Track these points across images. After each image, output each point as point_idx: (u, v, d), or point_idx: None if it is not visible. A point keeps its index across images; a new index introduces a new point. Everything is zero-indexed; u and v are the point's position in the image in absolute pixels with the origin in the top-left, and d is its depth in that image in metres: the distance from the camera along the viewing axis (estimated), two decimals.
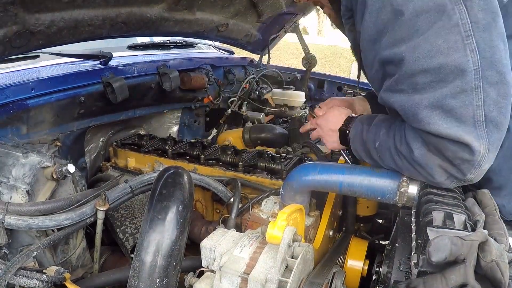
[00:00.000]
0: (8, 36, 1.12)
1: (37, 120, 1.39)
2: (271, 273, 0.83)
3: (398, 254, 0.96)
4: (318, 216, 1.29)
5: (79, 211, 1.11)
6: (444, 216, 0.82)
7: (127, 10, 1.43)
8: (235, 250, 0.91)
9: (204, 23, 1.86)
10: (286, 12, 2.22)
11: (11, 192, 1.10)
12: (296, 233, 0.88)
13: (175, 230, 0.94)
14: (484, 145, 0.82)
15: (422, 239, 0.80)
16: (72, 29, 1.30)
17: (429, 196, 0.93)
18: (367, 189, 1.04)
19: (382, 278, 1.08)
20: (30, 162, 1.12)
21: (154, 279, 0.88)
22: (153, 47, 2.33)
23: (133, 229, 1.43)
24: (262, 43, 2.55)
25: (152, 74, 1.85)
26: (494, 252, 0.68)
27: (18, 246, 1.11)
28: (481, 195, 0.96)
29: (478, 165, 0.84)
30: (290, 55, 11.41)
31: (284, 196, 1.19)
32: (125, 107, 1.77)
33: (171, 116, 2.21)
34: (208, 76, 2.21)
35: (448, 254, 0.68)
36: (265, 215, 1.28)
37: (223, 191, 1.35)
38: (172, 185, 1.01)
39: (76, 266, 1.29)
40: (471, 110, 0.80)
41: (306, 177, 1.13)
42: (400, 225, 1.09)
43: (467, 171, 0.86)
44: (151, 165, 1.66)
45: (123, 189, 1.23)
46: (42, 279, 0.94)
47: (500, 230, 0.80)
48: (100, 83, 1.59)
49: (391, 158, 0.97)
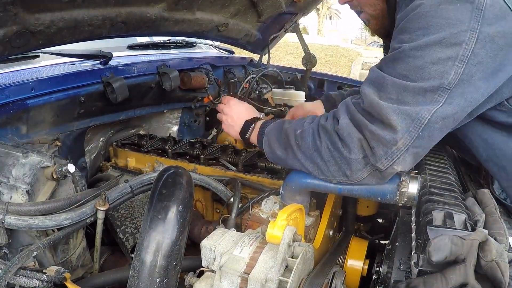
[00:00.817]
0: (8, 36, 1.12)
1: (37, 120, 1.39)
2: (271, 273, 0.83)
3: (398, 253, 0.97)
4: (318, 215, 1.29)
5: (79, 211, 1.11)
6: (444, 215, 0.82)
7: (127, 10, 1.43)
8: (235, 250, 0.91)
9: (204, 23, 1.86)
10: (286, 12, 2.22)
11: (11, 192, 1.10)
12: (296, 233, 0.88)
13: (175, 230, 0.94)
14: (405, 141, 0.85)
15: (422, 238, 0.80)
16: (72, 29, 1.30)
17: (429, 195, 0.93)
18: (367, 190, 1.04)
19: (382, 278, 1.08)
20: (30, 162, 1.12)
21: (154, 279, 0.88)
22: (153, 47, 2.33)
23: (133, 229, 1.43)
24: (262, 43, 2.55)
25: (152, 74, 1.85)
26: (494, 251, 0.68)
27: (18, 246, 1.11)
28: (481, 195, 0.97)
29: (390, 157, 0.87)
30: (290, 54, 11.42)
31: (284, 196, 1.19)
32: (125, 107, 1.77)
33: (171, 116, 2.21)
34: (208, 76, 2.21)
35: (448, 254, 0.69)
36: (265, 215, 1.28)
37: (223, 191, 1.35)
38: (172, 185, 1.01)
39: (76, 266, 1.29)
40: (420, 110, 0.83)
41: (305, 177, 1.13)
42: (400, 224, 1.09)
43: (379, 158, 0.88)
44: (151, 165, 1.66)
45: (123, 189, 1.23)
46: (42, 279, 0.94)
47: (500, 230, 0.80)
48: (100, 83, 1.59)
49: (311, 140, 0.99)
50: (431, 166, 1.13)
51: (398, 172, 0.94)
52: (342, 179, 0.98)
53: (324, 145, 0.97)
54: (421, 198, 0.97)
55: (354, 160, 0.92)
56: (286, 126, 1.10)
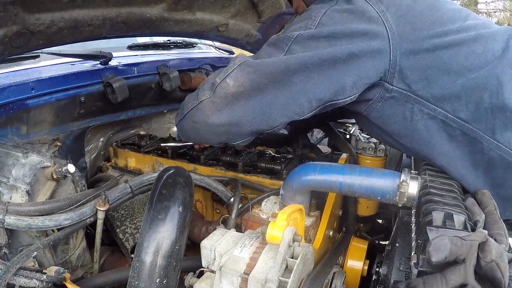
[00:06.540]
0: (8, 36, 1.12)
1: (37, 120, 1.39)
2: (271, 273, 0.83)
3: (398, 254, 0.97)
4: (318, 216, 1.29)
5: (79, 211, 1.11)
6: (444, 216, 0.82)
7: (127, 10, 1.43)
8: (235, 250, 0.91)
9: (204, 23, 1.86)
10: (286, 12, 2.22)
11: (11, 192, 1.10)
12: (296, 233, 0.88)
13: (175, 230, 0.94)
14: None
15: (422, 239, 0.80)
16: (72, 29, 1.30)
17: (429, 196, 0.93)
18: (367, 189, 1.04)
19: (382, 278, 1.08)
20: (30, 162, 1.12)
21: (154, 279, 0.88)
22: (153, 47, 2.33)
23: (133, 229, 1.43)
24: (262, 43, 2.54)
25: (152, 74, 1.85)
26: (494, 252, 0.68)
27: (18, 246, 1.12)
28: (481, 195, 0.97)
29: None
30: None
31: (284, 196, 1.19)
32: (125, 107, 1.77)
33: (171, 116, 2.21)
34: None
35: (448, 254, 0.69)
36: (265, 215, 1.28)
37: (223, 191, 1.35)
38: (172, 185, 1.01)
39: (76, 266, 1.29)
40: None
41: (306, 177, 1.13)
42: (400, 225, 1.09)
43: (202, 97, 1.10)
44: (151, 165, 1.66)
45: (123, 189, 1.23)
46: (42, 279, 0.94)
47: (500, 230, 0.80)
48: (100, 83, 1.59)
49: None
50: (431, 167, 1.13)
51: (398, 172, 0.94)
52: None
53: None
54: (421, 198, 0.97)
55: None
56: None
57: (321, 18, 1.01)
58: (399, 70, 1.00)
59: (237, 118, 1.06)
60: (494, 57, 0.99)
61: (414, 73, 1.00)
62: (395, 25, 0.99)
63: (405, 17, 1.00)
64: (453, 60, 0.99)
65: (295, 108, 1.03)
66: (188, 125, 1.19)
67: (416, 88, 1.01)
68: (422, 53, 0.99)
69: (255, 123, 1.06)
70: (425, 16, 1.01)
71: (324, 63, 0.98)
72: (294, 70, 0.99)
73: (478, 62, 0.99)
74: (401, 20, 1.00)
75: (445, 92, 1.00)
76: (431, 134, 1.05)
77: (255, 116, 1.05)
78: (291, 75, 1.00)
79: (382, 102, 1.06)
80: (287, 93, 1.02)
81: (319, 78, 0.99)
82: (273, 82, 1.01)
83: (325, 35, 0.99)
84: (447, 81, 0.99)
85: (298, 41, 1.01)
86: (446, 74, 0.99)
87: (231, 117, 1.06)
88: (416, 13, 1.01)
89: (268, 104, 1.03)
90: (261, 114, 1.05)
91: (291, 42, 1.01)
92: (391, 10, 1.00)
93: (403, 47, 0.99)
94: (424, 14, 1.02)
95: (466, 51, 0.99)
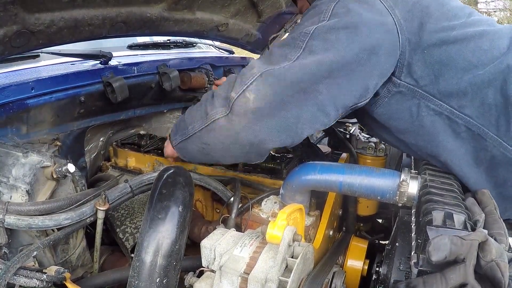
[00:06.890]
0: (8, 36, 1.12)
1: (37, 120, 1.39)
2: (271, 273, 0.83)
3: (398, 253, 0.97)
4: (318, 215, 1.29)
5: (79, 211, 1.11)
6: (444, 215, 0.82)
7: (127, 10, 1.43)
8: (235, 250, 0.91)
9: (204, 23, 1.86)
10: (286, 12, 2.22)
11: (11, 192, 1.10)
12: (296, 232, 0.88)
13: (175, 230, 0.94)
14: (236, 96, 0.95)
15: (422, 238, 0.80)
16: (72, 29, 1.30)
17: (429, 195, 0.93)
18: (367, 189, 1.04)
19: (382, 278, 1.08)
20: (30, 161, 1.12)
21: (154, 279, 0.88)
22: (153, 46, 2.33)
23: (133, 229, 1.43)
24: (262, 43, 2.54)
25: (152, 73, 1.85)
26: (494, 251, 0.68)
27: (18, 245, 1.11)
28: (481, 195, 0.97)
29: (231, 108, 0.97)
30: None
31: (284, 195, 1.19)
32: (125, 107, 1.77)
33: (171, 116, 2.21)
34: (208, 76, 2.21)
35: (448, 254, 0.69)
36: (265, 214, 1.28)
37: (223, 191, 1.35)
38: (172, 185, 1.01)
39: (76, 266, 1.29)
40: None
41: (306, 176, 1.13)
42: (400, 224, 1.09)
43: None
44: (151, 165, 1.66)
45: (123, 188, 1.23)
46: (42, 278, 0.94)
47: (500, 230, 0.80)
48: (100, 83, 1.59)
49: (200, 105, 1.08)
50: (431, 166, 1.13)
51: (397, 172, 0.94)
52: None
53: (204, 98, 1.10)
54: (421, 198, 0.97)
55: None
56: (185, 117, 1.15)
57: (333, 9, 0.98)
58: (407, 65, 1.00)
59: (260, 138, 0.97)
60: (500, 54, 0.98)
61: (421, 68, 0.99)
62: (403, 20, 0.98)
63: (412, 12, 0.99)
64: (460, 55, 0.98)
65: (323, 119, 0.98)
66: (195, 147, 1.10)
67: (423, 84, 1.00)
68: (430, 48, 0.98)
69: (279, 140, 0.99)
70: (432, 10, 1.01)
71: (348, 64, 0.94)
72: (320, 77, 0.93)
73: (485, 58, 0.98)
74: (409, 15, 0.99)
75: (452, 88, 0.99)
76: (437, 131, 1.04)
77: (280, 134, 0.97)
78: (317, 82, 0.93)
79: (388, 97, 1.05)
80: (313, 103, 0.95)
81: (345, 83, 0.95)
82: (298, 93, 0.94)
83: (343, 26, 0.95)
84: (454, 77, 0.99)
85: (316, 35, 0.95)
86: (453, 70, 0.99)
87: (253, 137, 0.97)
88: (423, 8, 1.01)
89: (295, 118, 0.96)
90: (287, 131, 0.97)
91: (308, 38, 0.96)
92: (399, 5, 1.00)
93: (412, 42, 0.98)
94: (431, 9, 1.01)
95: (473, 47, 0.99)
